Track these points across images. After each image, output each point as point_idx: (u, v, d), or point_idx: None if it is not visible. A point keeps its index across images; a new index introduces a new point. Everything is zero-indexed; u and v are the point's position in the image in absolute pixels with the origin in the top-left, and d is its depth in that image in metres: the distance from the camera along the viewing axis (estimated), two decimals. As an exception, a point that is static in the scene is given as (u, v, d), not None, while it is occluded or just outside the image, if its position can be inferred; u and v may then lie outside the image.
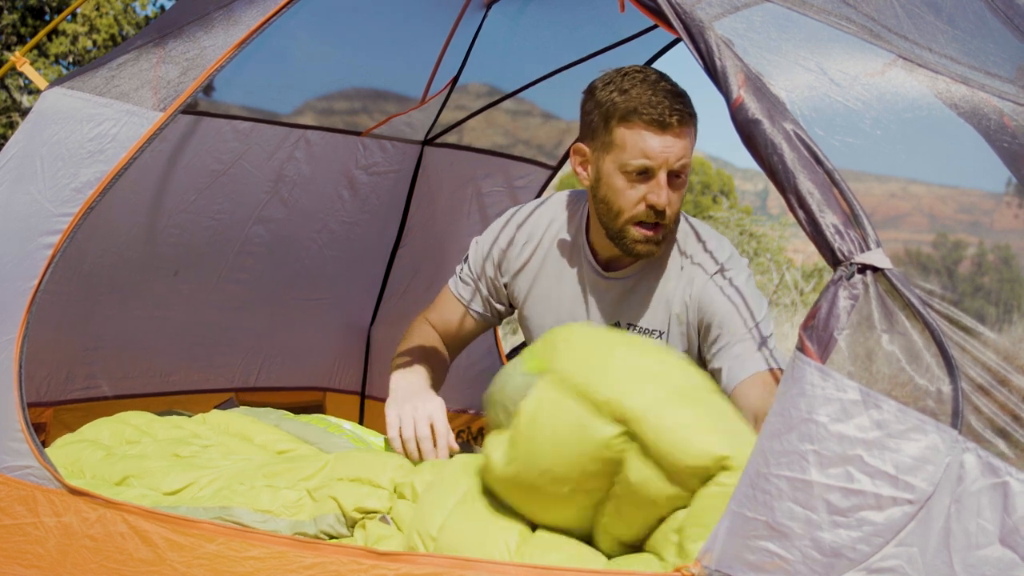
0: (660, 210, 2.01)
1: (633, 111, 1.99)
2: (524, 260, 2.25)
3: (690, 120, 2.01)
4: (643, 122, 1.99)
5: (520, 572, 1.45)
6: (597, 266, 2.18)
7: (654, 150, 1.99)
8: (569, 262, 2.22)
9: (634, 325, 2.15)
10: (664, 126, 1.98)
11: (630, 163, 2.00)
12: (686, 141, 2.01)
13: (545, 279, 2.24)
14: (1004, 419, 1.33)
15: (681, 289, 2.12)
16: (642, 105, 1.98)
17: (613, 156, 2.03)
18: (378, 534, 1.63)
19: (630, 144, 2.00)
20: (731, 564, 1.33)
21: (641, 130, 1.99)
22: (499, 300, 2.31)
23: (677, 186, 2.03)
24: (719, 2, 1.56)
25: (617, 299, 2.17)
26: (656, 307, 2.14)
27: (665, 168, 2.00)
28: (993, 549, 1.29)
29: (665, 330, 2.14)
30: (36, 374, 2.75)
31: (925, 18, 1.63)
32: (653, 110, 1.98)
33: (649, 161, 1.99)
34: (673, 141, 1.99)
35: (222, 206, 3.02)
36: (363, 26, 3.15)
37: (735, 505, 1.35)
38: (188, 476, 1.84)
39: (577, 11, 3.15)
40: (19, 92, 11.66)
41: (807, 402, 1.32)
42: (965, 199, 1.67)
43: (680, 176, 2.03)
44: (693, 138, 2.03)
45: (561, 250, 2.23)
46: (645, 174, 2.01)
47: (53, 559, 1.82)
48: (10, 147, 2.21)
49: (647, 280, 2.15)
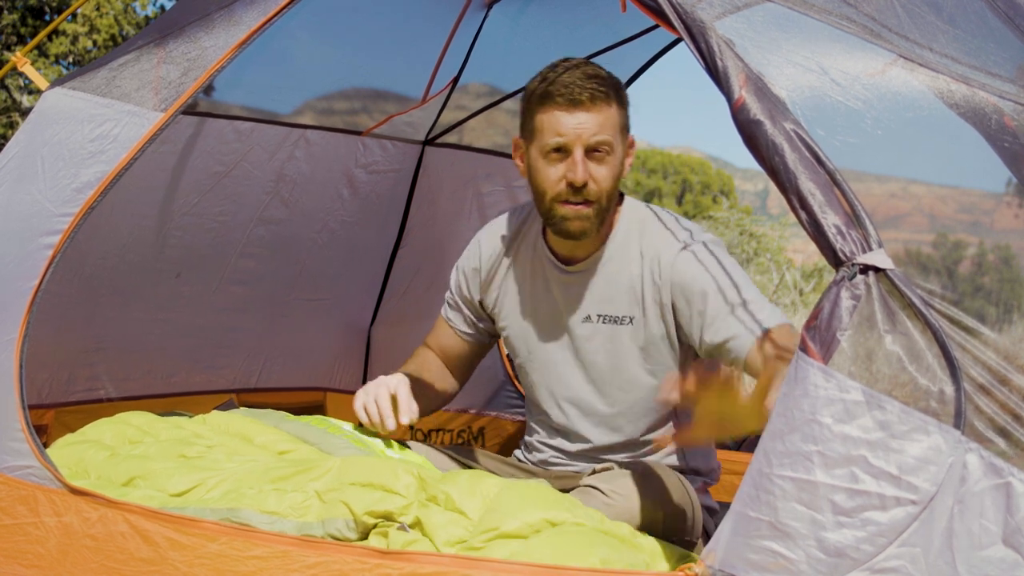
0: (579, 186, 2.04)
1: (547, 94, 2.06)
2: (492, 274, 2.31)
3: (604, 97, 2.05)
4: (555, 103, 2.05)
5: (523, 571, 1.45)
6: (558, 262, 2.22)
7: (566, 127, 2.04)
8: (532, 266, 2.26)
9: (603, 316, 2.18)
10: (575, 103, 2.04)
11: (547, 143, 2.06)
12: (601, 117, 2.05)
13: (513, 287, 2.29)
14: (1005, 418, 1.33)
15: (648, 272, 2.14)
16: (555, 87, 2.05)
17: (536, 142, 2.09)
18: (404, 539, 1.60)
19: (546, 126, 2.06)
20: (735, 564, 1.34)
21: (554, 110, 2.05)
22: (481, 319, 2.36)
23: (599, 161, 2.06)
24: (720, 2, 1.56)
25: (581, 292, 2.20)
26: (622, 294, 2.16)
27: (580, 144, 2.04)
28: (996, 549, 1.29)
29: (636, 315, 2.15)
30: (37, 376, 2.75)
31: (926, 18, 1.63)
32: (565, 89, 2.04)
33: (562, 138, 2.04)
34: (586, 117, 2.04)
35: (224, 207, 3.03)
36: (363, 26, 3.15)
37: (739, 505, 1.35)
38: (195, 477, 1.84)
39: (578, 11, 3.15)
40: (19, 92, 11.66)
41: (810, 403, 1.32)
42: (965, 199, 1.67)
43: (599, 151, 2.06)
44: (614, 116, 2.07)
45: (524, 256, 2.28)
46: (562, 151, 2.06)
47: (54, 559, 1.82)
48: (11, 147, 2.21)
49: (609, 269, 2.18)
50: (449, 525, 1.62)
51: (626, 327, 2.15)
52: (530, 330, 2.26)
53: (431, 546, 1.59)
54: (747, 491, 1.35)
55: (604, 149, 2.05)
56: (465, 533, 1.61)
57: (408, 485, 1.67)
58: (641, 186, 32.44)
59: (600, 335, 2.18)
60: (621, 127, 2.09)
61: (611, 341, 2.17)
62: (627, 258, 2.16)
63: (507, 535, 1.58)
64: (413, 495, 1.67)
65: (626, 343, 2.16)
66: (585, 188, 2.04)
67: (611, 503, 1.90)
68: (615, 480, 1.95)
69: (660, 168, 33.91)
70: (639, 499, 1.92)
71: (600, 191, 2.06)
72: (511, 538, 1.58)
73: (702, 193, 32.16)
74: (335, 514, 1.67)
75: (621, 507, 1.90)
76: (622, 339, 2.16)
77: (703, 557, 1.38)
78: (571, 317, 2.20)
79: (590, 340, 2.18)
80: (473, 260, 2.34)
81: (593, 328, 2.18)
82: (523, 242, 2.29)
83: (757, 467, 1.34)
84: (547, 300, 2.24)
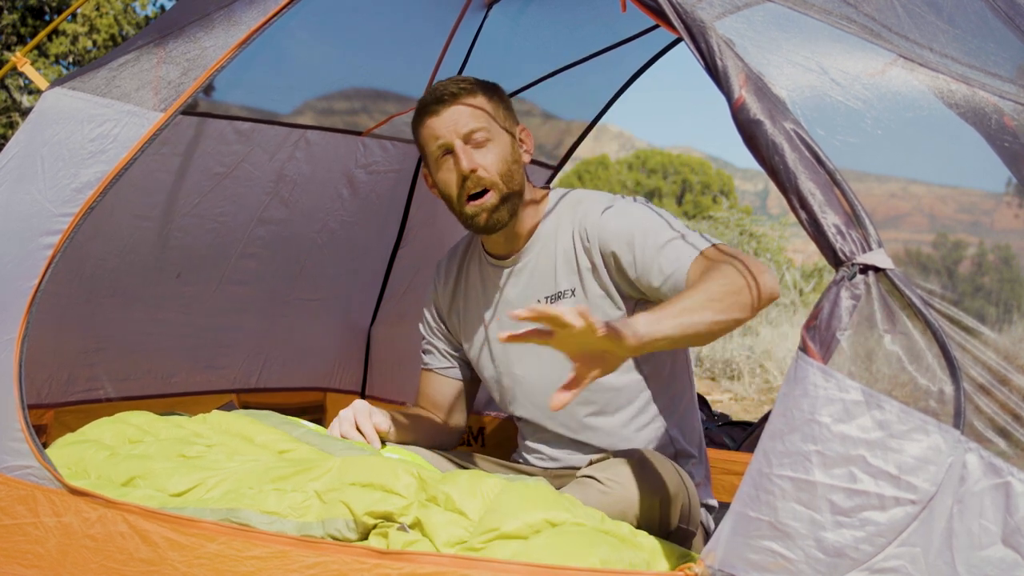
0: (467, 174, 2.10)
1: (419, 109, 2.17)
2: (450, 296, 2.37)
3: (468, 91, 2.14)
4: (426, 113, 2.15)
5: (523, 571, 1.45)
6: (495, 260, 2.27)
7: (439, 128, 2.13)
8: (481, 275, 2.32)
9: (548, 296, 2.21)
10: (440, 103, 2.13)
11: (433, 151, 2.15)
12: (468, 108, 2.13)
13: (469, 302, 2.34)
14: (1005, 418, 1.33)
15: (577, 239, 2.17)
16: (422, 101, 2.16)
17: (429, 158, 2.18)
18: (404, 540, 1.60)
19: (427, 137, 2.15)
20: (734, 564, 1.34)
21: (427, 119, 2.15)
22: (455, 347, 2.40)
23: (481, 146, 2.12)
24: (720, 2, 1.56)
25: (525, 281, 2.24)
26: (559, 269, 2.19)
27: (456, 137, 2.12)
28: (995, 549, 1.29)
29: (575, 285, 2.18)
30: (37, 376, 2.75)
31: (926, 18, 1.63)
32: (430, 97, 2.14)
33: (440, 139, 2.13)
34: (452, 111, 2.12)
35: (225, 208, 3.03)
36: (363, 26, 3.16)
37: (738, 505, 1.35)
38: (194, 477, 1.84)
39: (578, 11, 3.15)
40: (19, 92, 11.66)
41: (810, 403, 1.32)
42: (965, 199, 1.67)
43: (477, 138, 2.12)
44: (483, 104, 2.15)
45: (473, 271, 2.34)
46: (448, 153, 2.13)
47: (53, 559, 1.82)
48: (11, 147, 2.22)
49: (545, 250, 2.21)
50: (449, 525, 1.62)
51: (568, 300, 2.19)
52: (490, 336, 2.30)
53: (431, 547, 1.59)
54: (747, 491, 1.35)
55: (481, 135, 2.12)
56: (465, 534, 1.61)
57: (408, 485, 1.67)
58: (641, 186, 32.44)
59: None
60: (495, 115, 2.16)
61: None
62: (558, 234, 2.21)
63: (507, 535, 1.58)
64: (413, 495, 1.66)
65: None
66: (475, 174, 2.10)
67: (607, 491, 1.91)
68: (611, 468, 1.96)
69: (660, 168, 33.91)
70: (636, 486, 1.93)
71: (492, 176, 2.12)
72: (511, 538, 1.57)
73: (702, 193, 32.15)
74: (335, 514, 1.66)
75: (618, 495, 1.91)
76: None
77: (703, 557, 1.38)
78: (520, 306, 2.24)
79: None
80: (433, 288, 2.41)
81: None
82: (471, 259, 2.36)
83: (757, 467, 1.34)
84: (497, 300, 2.28)
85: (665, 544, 1.72)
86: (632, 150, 64.70)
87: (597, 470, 1.97)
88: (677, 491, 1.99)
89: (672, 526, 1.97)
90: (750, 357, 7.38)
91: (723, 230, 12.49)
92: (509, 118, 2.20)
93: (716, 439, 3.24)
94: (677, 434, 2.26)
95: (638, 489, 1.93)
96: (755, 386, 6.86)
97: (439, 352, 2.41)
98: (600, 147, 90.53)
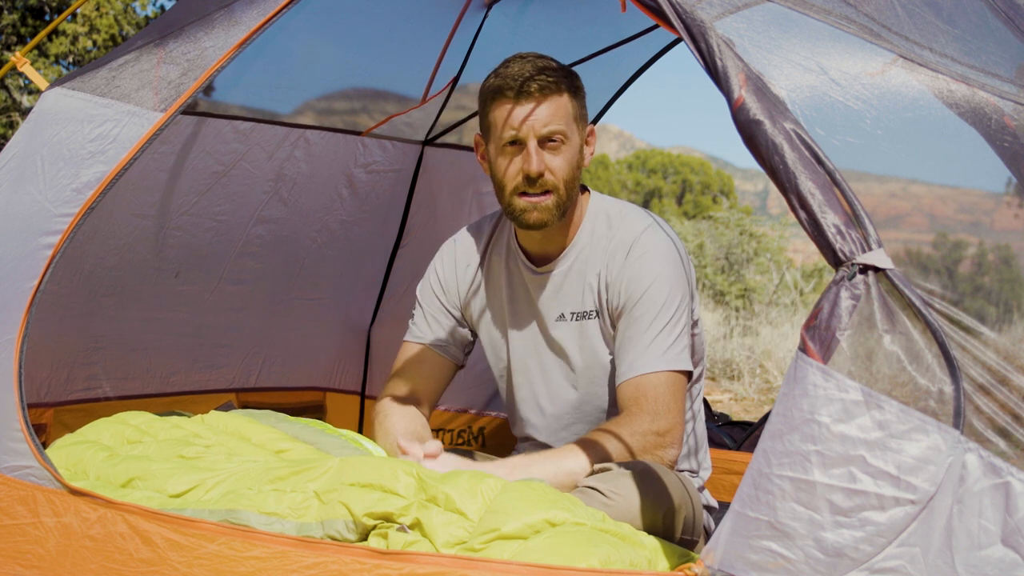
0: (534, 176, 2.07)
1: (498, 89, 2.10)
2: (469, 282, 2.32)
3: (554, 87, 2.08)
4: (506, 98, 2.09)
5: (522, 571, 1.45)
6: (530, 264, 2.24)
7: (517, 119, 2.08)
8: (507, 269, 2.28)
9: (576, 313, 2.21)
10: (525, 95, 2.07)
11: (502, 138, 2.10)
12: (552, 108, 2.08)
13: (490, 294, 2.30)
14: (1005, 418, 1.33)
15: (606, 268, 2.18)
16: (505, 82, 2.09)
17: (492, 137, 2.13)
18: (404, 541, 1.60)
19: (499, 120, 2.10)
20: (734, 564, 1.34)
21: (505, 104, 2.09)
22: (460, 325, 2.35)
23: (554, 150, 2.09)
24: (720, 2, 1.56)
25: (554, 292, 2.23)
26: (586, 291, 2.20)
27: (532, 135, 2.07)
28: (995, 549, 1.29)
29: (597, 309, 2.19)
30: (36, 375, 2.75)
31: (925, 18, 1.63)
32: (514, 83, 2.07)
33: (515, 131, 2.08)
34: (536, 108, 2.07)
35: (223, 207, 3.03)
36: (363, 26, 3.16)
37: (738, 505, 1.35)
38: (193, 478, 1.84)
39: (578, 11, 3.15)
40: (19, 92, 11.66)
41: (809, 402, 1.32)
42: (965, 199, 1.67)
43: (553, 140, 2.08)
44: (565, 105, 2.10)
45: (498, 261, 2.30)
46: (516, 144, 2.09)
47: (53, 559, 1.82)
48: (11, 147, 2.22)
49: (577, 266, 2.21)
50: (449, 526, 1.62)
51: (593, 320, 2.20)
52: (511, 333, 2.29)
53: (431, 547, 1.59)
54: (746, 491, 1.35)
55: (558, 139, 2.08)
56: (465, 534, 1.61)
57: (408, 486, 1.67)
58: (641, 186, 32.45)
59: (574, 331, 2.20)
60: (575, 116, 2.12)
61: (582, 336, 2.21)
62: (593, 252, 2.20)
63: (507, 536, 1.57)
64: (413, 496, 1.66)
65: (594, 335, 2.20)
66: (541, 178, 2.08)
67: (610, 503, 1.90)
68: (614, 480, 1.95)
69: (660, 168, 33.92)
70: (639, 499, 1.92)
71: (557, 180, 2.10)
72: (511, 539, 1.57)
73: (702, 193, 32.16)
74: (334, 515, 1.66)
75: (621, 507, 1.90)
76: (590, 332, 2.20)
77: (703, 557, 1.37)
78: (547, 317, 2.24)
79: (566, 338, 2.21)
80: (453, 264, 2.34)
81: (567, 326, 2.22)
82: (495, 248, 2.31)
83: (756, 467, 1.34)
84: (524, 302, 2.26)
85: (666, 543, 1.71)
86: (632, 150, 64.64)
87: (600, 481, 1.96)
88: (681, 503, 1.98)
89: (676, 538, 1.96)
90: (750, 357, 7.38)
91: (723, 230, 12.49)
92: (584, 117, 2.16)
93: (716, 439, 3.24)
94: (686, 450, 2.26)
95: (641, 501, 1.92)
96: (755, 386, 6.86)
97: (443, 328, 2.33)
98: (600, 147, 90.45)
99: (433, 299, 2.35)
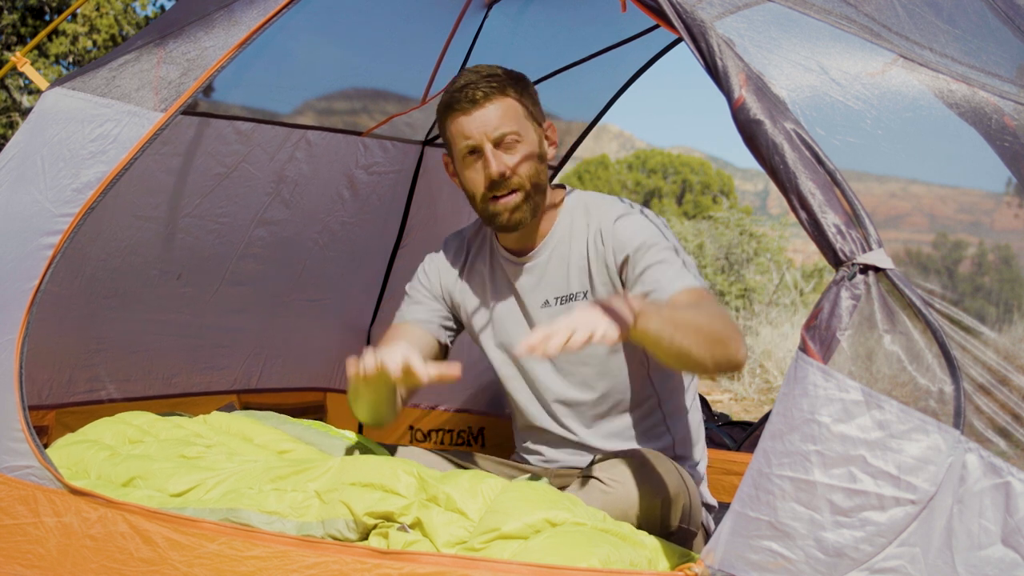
0: (497, 179, 2.11)
1: (448, 105, 2.15)
2: (454, 281, 2.36)
3: (498, 90, 2.13)
4: (456, 110, 2.14)
5: (522, 571, 1.45)
6: (510, 255, 2.28)
7: (470, 128, 2.12)
8: (489, 265, 2.32)
9: (559, 297, 2.23)
10: (472, 103, 2.12)
11: (461, 149, 2.15)
12: (500, 110, 2.12)
13: (476, 291, 2.33)
14: (1005, 418, 1.33)
15: (592, 243, 2.19)
16: (453, 96, 2.14)
17: (454, 152, 2.18)
18: (404, 540, 1.60)
19: (456, 133, 2.15)
20: (734, 564, 1.34)
21: (457, 116, 2.14)
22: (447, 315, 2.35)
23: (510, 150, 2.13)
24: (720, 2, 1.56)
25: (537, 280, 2.25)
26: (572, 272, 2.22)
27: (486, 139, 2.12)
28: (995, 549, 1.29)
29: (587, 289, 2.20)
30: (38, 377, 2.75)
31: (926, 17, 1.63)
32: (460, 94, 2.13)
33: (470, 140, 2.13)
34: (484, 113, 2.12)
35: (225, 209, 3.03)
36: (363, 26, 3.15)
37: (738, 505, 1.35)
38: (194, 478, 1.84)
39: (578, 11, 3.15)
40: (19, 92, 11.66)
41: (809, 402, 1.32)
42: (965, 199, 1.67)
43: (507, 141, 2.12)
44: (514, 106, 2.14)
45: (482, 260, 2.34)
46: (475, 153, 2.14)
47: (53, 559, 1.82)
48: (11, 147, 2.22)
49: (559, 251, 2.23)
50: (450, 526, 1.62)
51: (580, 301, 2.20)
52: (497, 328, 2.30)
53: (431, 547, 1.59)
54: (747, 491, 1.35)
55: (511, 139, 2.12)
56: (466, 534, 1.61)
57: (408, 485, 1.67)
58: (641, 186, 32.44)
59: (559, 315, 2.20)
60: (526, 115, 2.16)
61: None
62: (573, 236, 2.22)
63: (508, 536, 1.58)
64: (413, 495, 1.66)
65: None
66: (505, 178, 2.12)
67: (609, 490, 1.92)
68: (613, 468, 1.97)
69: (660, 168, 33.90)
70: (636, 486, 1.93)
71: (521, 178, 2.13)
72: (512, 539, 1.57)
73: (702, 193, 32.13)
74: (335, 514, 1.66)
75: (619, 494, 1.91)
76: None
77: (703, 557, 1.38)
78: (531, 306, 2.26)
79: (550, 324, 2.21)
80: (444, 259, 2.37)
81: (551, 312, 2.23)
82: (479, 249, 2.35)
83: (757, 467, 1.35)
84: (508, 295, 2.29)
85: (666, 543, 1.72)
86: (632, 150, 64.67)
87: (599, 470, 1.97)
88: (678, 491, 2.00)
89: (673, 526, 1.98)
90: (750, 357, 7.38)
91: (723, 230, 12.48)
92: (537, 113, 2.20)
93: (716, 439, 3.25)
94: (681, 437, 2.27)
95: (639, 489, 1.93)
96: (755, 386, 6.86)
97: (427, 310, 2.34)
98: (600, 147, 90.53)
99: (420, 289, 2.38)
